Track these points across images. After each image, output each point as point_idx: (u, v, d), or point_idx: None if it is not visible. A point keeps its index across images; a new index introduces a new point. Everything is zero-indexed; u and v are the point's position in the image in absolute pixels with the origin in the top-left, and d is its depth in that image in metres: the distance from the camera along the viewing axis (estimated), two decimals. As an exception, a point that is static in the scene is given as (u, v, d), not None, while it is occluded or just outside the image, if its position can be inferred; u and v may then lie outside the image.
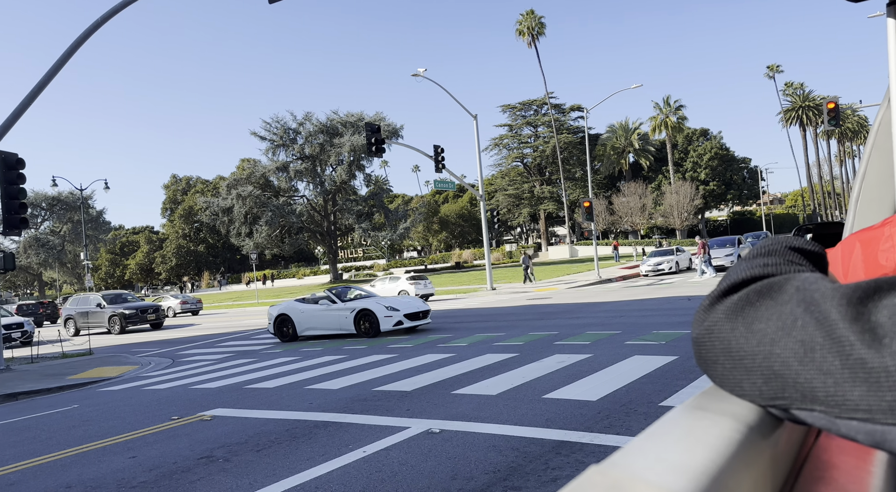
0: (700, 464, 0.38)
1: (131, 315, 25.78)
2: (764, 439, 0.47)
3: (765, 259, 0.57)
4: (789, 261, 0.57)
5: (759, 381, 0.47)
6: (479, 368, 9.17)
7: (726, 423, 0.45)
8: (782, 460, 0.53)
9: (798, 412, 0.46)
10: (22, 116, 15.23)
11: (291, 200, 57.07)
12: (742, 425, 0.45)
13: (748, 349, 0.48)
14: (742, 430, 0.45)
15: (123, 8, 14.38)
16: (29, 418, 9.00)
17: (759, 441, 0.46)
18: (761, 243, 0.61)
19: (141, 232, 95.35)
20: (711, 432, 0.43)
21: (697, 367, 3.37)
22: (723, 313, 0.51)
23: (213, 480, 5.11)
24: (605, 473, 0.38)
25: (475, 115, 30.41)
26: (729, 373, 0.50)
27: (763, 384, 0.47)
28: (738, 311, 0.50)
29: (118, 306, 25.96)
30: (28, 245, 71.24)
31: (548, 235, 71.72)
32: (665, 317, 13.51)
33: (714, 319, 0.52)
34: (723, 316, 0.51)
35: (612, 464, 0.39)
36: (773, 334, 0.47)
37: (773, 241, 0.61)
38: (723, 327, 0.51)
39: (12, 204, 15.37)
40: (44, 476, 5.71)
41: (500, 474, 4.56)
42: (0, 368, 14.99)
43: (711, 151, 66.39)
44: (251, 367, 11.91)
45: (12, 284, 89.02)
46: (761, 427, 0.47)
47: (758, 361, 0.47)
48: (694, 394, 0.53)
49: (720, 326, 0.51)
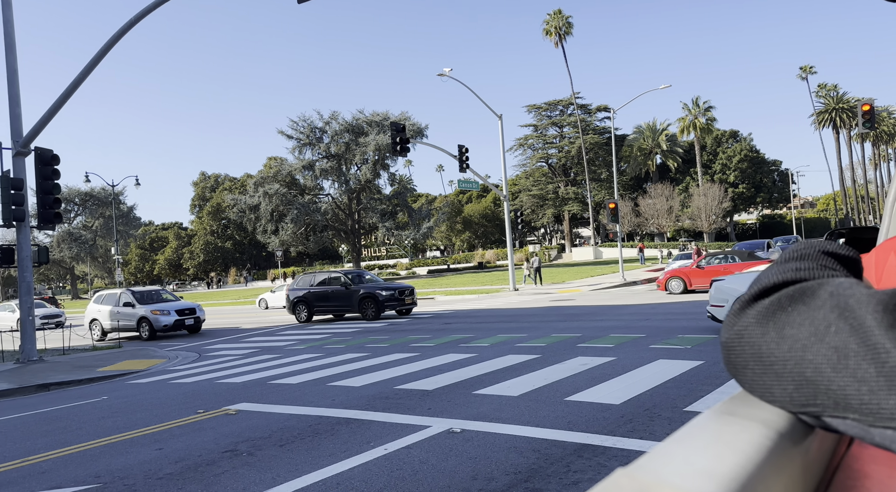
0: (729, 470, 0.38)
1: None
2: (795, 447, 0.46)
3: (797, 263, 0.56)
4: (823, 266, 0.56)
5: (790, 387, 0.47)
6: (500, 368, 9.15)
7: (756, 429, 0.45)
8: (813, 469, 0.52)
9: (830, 420, 0.46)
10: (56, 114, 15.62)
11: (317, 198, 57.57)
12: (772, 432, 0.45)
13: (779, 355, 0.47)
14: (772, 436, 0.44)
15: (155, 8, 14.66)
16: (60, 409, 9.23)
17: (789, 448, 0.45)
18: (793, 247, 0.60)
19: (170, 228, 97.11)
20: (741, 438, 0.43)
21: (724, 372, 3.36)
22: (753, 318, 0.51)
23: (238, 473, 5.18)
24: (632, 476, 0.38)
25: (500, 115, 30.33)
26: (759, 378, 0.49)
27: (794, 390, 0.47)
28: (770, 315, 0.50)
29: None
30: (61, 239, 73.06)
31: (572, 237, 71.22)
32: (691, 321, 13.32)
33: (744, 323, 0.51)
34: (753, 320, 0.51)
35: (639, 468, 0.39)
36: (805, 340, 0.46)
37: (806, 245, 0.60)
38: (753, 332, 0.50)
39: (47, 199, 15.79)
40: (74, 465, 5.85)
41: (521, 476, 4.55)
42: (33, 358, 15.40)
43: (741, 153, 65.26)
44: (275, 362, 12.05)
45: (46, 277, 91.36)
46: (792, 434, 0.46)
47: (789, 366, 0.47)
48: (720, 400, 0.53)
49: (751, 330, 0.50)
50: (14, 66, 15.49)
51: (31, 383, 11.90)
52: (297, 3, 13.92)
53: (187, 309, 21.14)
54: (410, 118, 53.96)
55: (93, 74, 15.19)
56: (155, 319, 20.39)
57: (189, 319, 20.93)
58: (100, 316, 22.34)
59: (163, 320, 20.39)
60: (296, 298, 21.67)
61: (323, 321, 21.14)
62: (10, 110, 15.43)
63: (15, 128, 15.43)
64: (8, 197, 15.07)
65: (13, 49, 15.51)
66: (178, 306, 21.16)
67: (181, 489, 4.89)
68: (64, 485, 5.25)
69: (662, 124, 69.45)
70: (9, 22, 15.46)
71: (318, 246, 59.75)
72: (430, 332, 15.34)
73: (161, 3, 14.54)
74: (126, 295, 21.68)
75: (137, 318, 20.99)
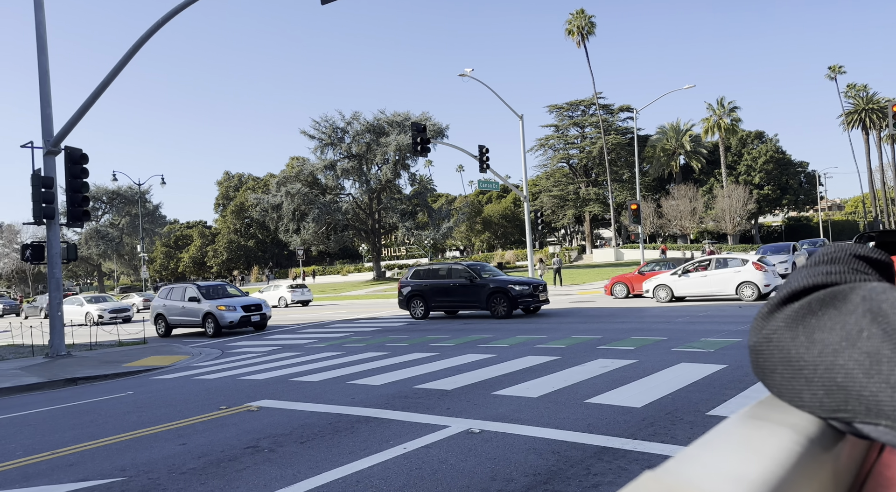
0: (758, 475, 0.38)
1: None
2: (825, 452, 0.45)
3: (828, 267, 0.55)
4: (854, 269, 0.55)
5: (820, 392, 0.46)
6: (519, 369, 9.12)
7: (785, 434, 0.44)
8: (844, 475, 0.51)
9: (861, 426, 0.45)
10: (85, 113, 15.94)
11: (338, 197, 57.98)
12: (802, 437, 0.44)
13: (809, 359, 0.47)
14: (802, 442, 0.44)
15: (182, 9, 14.88)
16: (87, 403, 9.42)
17: (819, 454, 0.45)
18: (823, 251, 0.59)
19: (194, 226, 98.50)
20: (770, 443, 0.42)
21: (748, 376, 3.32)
22: (782, 322, 0.50)
23: (259, 469, 5.24)
24: (659, 480, 0.38)
25: (521, 116, 30.23)
26: (788, 383, 0.49)
27: (824, 396, 0.46)
28: (799, 319, 0.49)
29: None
30: (89, 237, 74.49)
31: (593, 238, 70.71)
32: (714, 324, 13.15)
33: (773, 327, 0.51)
34: (782, 324, 0.50)
35: (667, 471, 0.38)
36: (836, 345, 0.46)
37: (836, 248, 0.59)
38: (782, 336, 0.50)
39: (76, 197, 16.12)
40: (100, 459, 5.97)
41: (541, 478, 4.53)
42: (62, 353, 15.73)
43: (767, 154, 64.19)
44: (297, 360, 12.16)
45: (74, 273, 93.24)
46: (822, 440, 0.46)
47: (819, 371, 0.46)
48: (744, 404, 0.53)
49: (780, 334, 0.50)
50: (45, 67, 15.85)
51: (60, 377, 12.16)
52: (321, 4, 14.02)
53: (253, 305, 19.97)
54: (431, 118, 54.09)
55: (120, 75, 15.45)
56: (220, 315, 19.22)
57: (255, 315, 19.80)
58: (165, 311, 21.02)
59: (228, 317, 19.23)
60: (410, 292, 19.90)
61: (436, 318, 19.68)
62: (41, 110, 15.78)
63: (46, 128, 15.77)
64: (39, 195, 15.41)
65: (45, 50, 15.86)
66: (244, 302, 19.97)
67: (204, 484, 4.96)
68: (91, 478, 5.36)
69: (686, 125, 68.62)
70: (41, 24, 15.81)
71: (339, 245, 60.17)
72: (449, 332, 15.36)
73: (189, 3, 14.76)
74: (192, 289, 20.44)
75: (203, 313, 19.75)
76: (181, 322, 20.54)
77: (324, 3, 13.98)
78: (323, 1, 13.97)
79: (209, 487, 4.89)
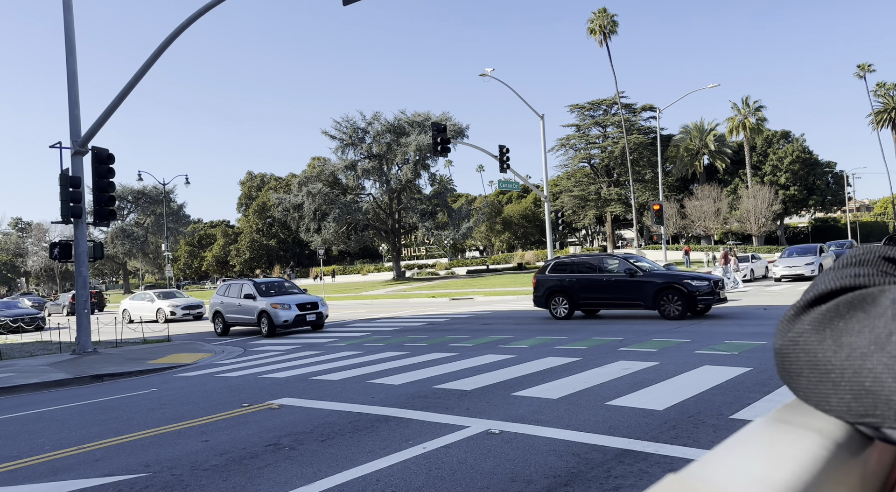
0: (783, 479, 0.37)
1: None
2: (853, 458, 0.45)
3: (856, 269, 0.54)
4: (883, 272, 0.54)
5: (847, 396, 0.46)
6: (539, 370, 9.09)
7: (812, 438, 0.44)
8: (872, 481, 0.50)
9: (891, 431, 0.44)
10: (112, 114, 16.23)
11: (358, 197, 58.31)
12: (829, 442, 0.44)
13: (836, 363, 0.46)
14: (829, 446, 0.43)
15: (207, 11, 15.08)
16: (112, 399, 9.59)
17: (847, 459, 0.44)
18: (851, 252, 0.58)
19: (217, 226, 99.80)
20: (796, 447, 0.42)
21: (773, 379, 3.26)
22: (809, 324, 0.50)
23: (280, 467, 5.29)
24: (683, 482, 0.37)
25: (542, 116, 30.11)
26: (814, 387, 0.48)
27: (852, 400, 0.45)
28: (827, 322, 0.48)
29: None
30: (115, 236, 75.92)
31: (614, 239, 70.15)
32: (738, 326, 12.96)
33: (799, 330, 0.50)
34: (809, 327, 0.49)
35: (691, 473, 0.38)
36: (864, 349, 0.45)
37: (865, 250, 0.58)
38: (809, 339, 0.49)
39: (102, 197, 16.43)
40: (125, 454, 6.07)
41: (561, 480, 4.51)
42: (88, 350, 16.05)
43: (793, 153, 63.07)
44: (317, 359, 12.25)
45: (100, 271, 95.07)
46: (850, 445, 0.45)
47: (847, 375, 0.46)
48: (769, 408, 0.52)
49: (806, 337, 0.49)
50: (74, 68, 16.18)
51: (86, 373, 12.40)
52: (343, 6, 14.11)
53: (309, 303, 18.70)
54: (451, 118, 54.13)
55: (145, 77, 15.72)
56: (274, 313, 18.14)
57: (311, 314, 18.58)
58: (223, 308, 20.16)
59: (283, 315, 18.10)
60: (552, 287, 17.46)
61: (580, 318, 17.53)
62: (69, 111, 16.12)
63: (73, 128, 16.10)
64: (67, 195, 15.74)
65: (73, 52, 16.19)
66: (299, 300, 18.74)
67: (226, 481, 5.02)
68: (116, 473, 5.45)
69: (710, 124, 67.73)
70: (69, 27, 16.15)
71: (359, 245, 60.53)
72: (468, 332, 15.35)
73: (213, 5, 14.96)
74: (248, 286, 19.49)
75: (258, 311, 18.73)
76: (237, 321, 19.75)
77: (346, 3, 14.07)
78: (345, 2, 14.06)
79: (231, 483, 4.95)
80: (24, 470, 5.76)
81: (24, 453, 6.41)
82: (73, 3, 16.23)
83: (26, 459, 6.15)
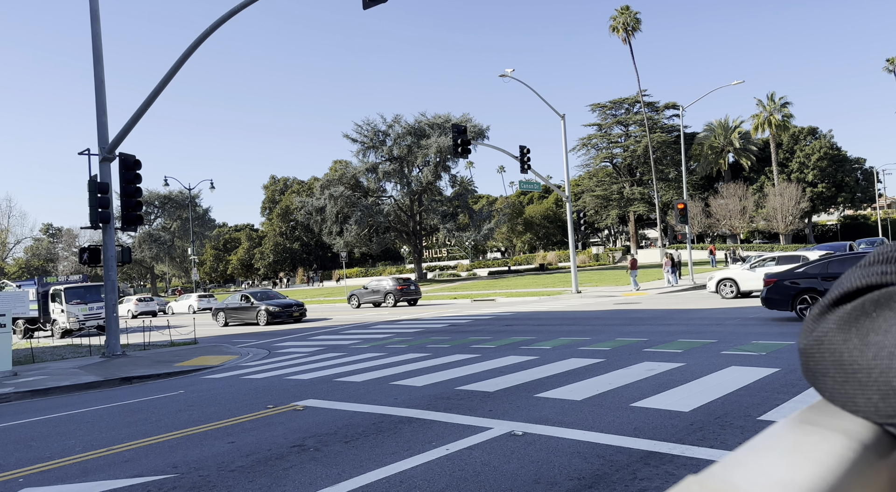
0: (808, 481, 0.37)
1: None
2: (880, 460, 0.44)
3: (883, 267, 0.53)
4: None
5: (874, 396, 0.45)
6: (562, 372, 9.03)
7: (838, 439, 0.43)
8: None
9: None
10: (139, 121, 16.53)
11: (379, 200, 58.61)
12: (856, 443, 0.42)
13: (863, 362, 0.45)
14: (855, 448, 0.42)
15: (230, 17, 15.29)
16: (141, 401, 9.76)
17: (874, 461, 0.43)
18: (878, 250, 0.57)
19: (242, 229, 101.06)
20: (821, 448, 0.41)
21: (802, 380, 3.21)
22: (834, 323, 0.49)
23: (305, 468, 5.34)
24: (703, 484, 0.37)
25: (563, 115, 29.94)
26: (840, 387, 0.47)
27: (880, 400, 0.44)
28: (853, 321, 0.47)
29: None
30: (142, 240, 77.34)
31: (637, 238, 69.42)
32: (766, 326, 12.73)
33: (824, 328, 0.49)
34: (834, 326, 0.48)
35: (711, 475, 0.38)
36: (892, 347, 0.44)
37: (892, 247, 0.56)
38: (834, 338, 0.48)
39: (130, 202, 16.74)
40: (153, 456, 6.18)
41: (585, 482, 4.47)
42: (117, 353, 16.36)
43: (820, 150, 61.81)
44: (340, 361, 12.33)
45: (128, 276, 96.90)
46: (877, 446, 0.44)
47: (874, 375, 0.44)
48: (797, 409, 0.51)
49: (831, 336, 0.48)
50: (101, 76, 16.52)
51: (116, 376, 12.65)
52: (364, 9, 14.20)
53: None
54: (472, 120, 54.16)
55: (171, 83, 15.99)
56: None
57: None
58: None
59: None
60: (802, 287, 13.37)
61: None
62: (97, 119, 16.46)
63: (101, 135, 16.44)
64: (95, 200, 16.07)
65: (100, 61, 16.53)
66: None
67: (252, 482, 5.07)
68: (145, 474, 5.55)
69: (735, 121, 66.69)
70: (97, 36, 16.50)
71: (381, 247, 60.85)
72: (490, 333, 15.31)
73: (235, 12, 15.16)
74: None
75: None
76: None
77: (366, 7, 14.15)
78: (365, 5, 14.15)
79: (257, 484, 5.00)
80: (57, 471, 5.89)
81: (56, 454, 6.56)
82: (101, 12, 16.58)
83: (58, 460, 6.29)
